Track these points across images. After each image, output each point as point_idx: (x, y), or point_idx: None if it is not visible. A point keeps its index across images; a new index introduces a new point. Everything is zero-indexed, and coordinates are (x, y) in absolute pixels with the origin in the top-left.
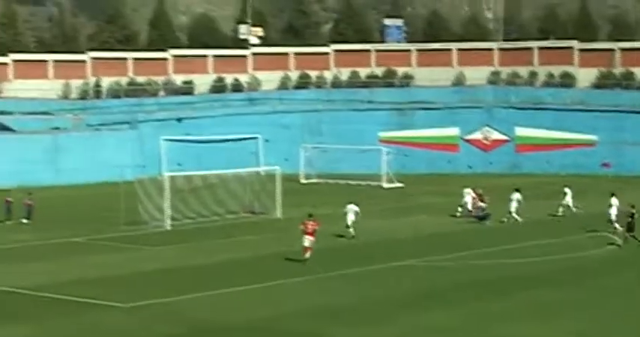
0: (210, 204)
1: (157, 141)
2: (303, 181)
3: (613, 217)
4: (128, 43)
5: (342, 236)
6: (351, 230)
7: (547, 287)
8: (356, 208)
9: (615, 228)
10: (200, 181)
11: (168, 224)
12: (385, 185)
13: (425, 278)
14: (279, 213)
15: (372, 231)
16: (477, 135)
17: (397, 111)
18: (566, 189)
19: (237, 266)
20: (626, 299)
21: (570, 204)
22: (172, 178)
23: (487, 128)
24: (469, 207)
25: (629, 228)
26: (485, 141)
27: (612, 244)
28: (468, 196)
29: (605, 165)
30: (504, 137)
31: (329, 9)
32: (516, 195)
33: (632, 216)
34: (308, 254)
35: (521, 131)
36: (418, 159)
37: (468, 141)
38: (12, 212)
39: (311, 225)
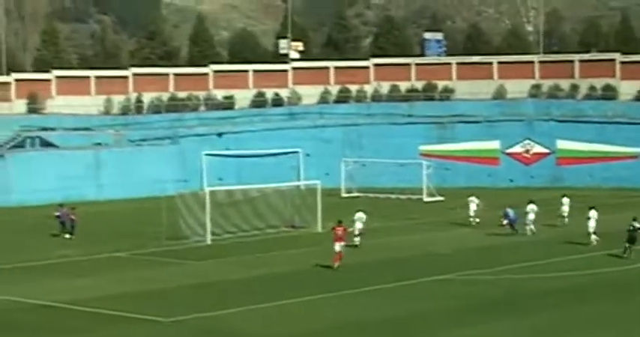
0: (251, 218)
1: (197, 155)
2: (344, 195)
3: (591, 229)
4: (169, 59)
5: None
6: (357, 239)
7: (591, 301)
8: (364, 217)
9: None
10: (241, 195)
11: (209, 238)
12: (426, 198)
13: (462, 292)
14: (319, 227)
15: (412, 244)
16: (517, 149)
17: (437, 124)
18: (564, 199)
19: (278, 281)
20: None
21: (565, 214)
22: (213, 192)
23: (528, 141)
24: (471, 213)
25: (630, 239)
26: (526, 155)
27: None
28: (472, 204)
29: None
30: (545, 150)
31: (369, 23)
32: (531, 206)
33: (635, 229)
34: (337, 263)
35: (562, 144)
36: (458, 173)
37: (508, 154)
38: (66, 225)
39: (341, 231)
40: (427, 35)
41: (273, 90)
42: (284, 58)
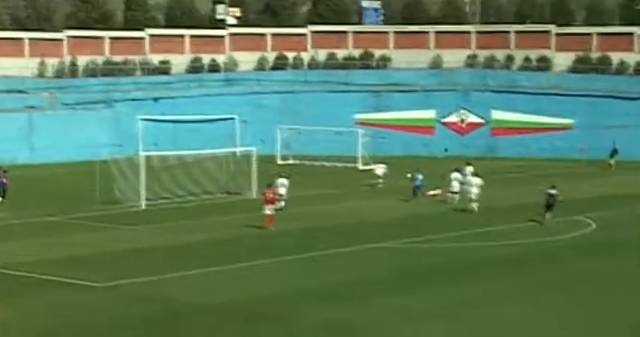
0: (186, 184)
1: (133, 120)
2: (280, 162)
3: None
4: (104, 22)
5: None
6: (282, 203)
7: (525, 270)
8: (286, 182)
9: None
10: (176, 161)
11: (143, 203)
12: (361, 167)
13: (401, 260)
14: (254, 194)
15: (347, 212)
16: (453, 118)
17: (374, 93)
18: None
19: (212, 247)
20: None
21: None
22: (148, 158)
23: (463, 111)
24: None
25: (548, 206)
26: (461, 124)
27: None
28: (380, 169)
29: (582, 150)
30: (480, 120)
31: None
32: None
33: (552, 196)
34: (271, 227)
35: (497, 114)
36: (394, 142)
37: (444, 124)
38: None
39: (270, 195)
40: (365, 3)
41: (209, 56)
42: (221, 24)
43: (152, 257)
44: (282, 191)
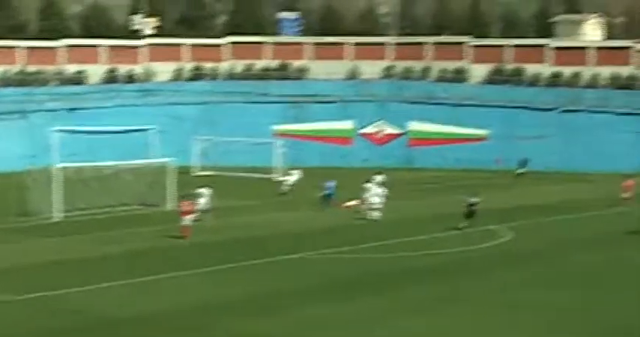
0: (102, 195)
1: (48, 131)
2: (197, 173)
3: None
4: (18, 32)
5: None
6: (197, 214)
7: (442, 280)
8: (207, 192)
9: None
10: (92, 173)
11: (59, 215)
12: (278, 178)
13: (317, 271)
14: (170, 206)
15: (263, 224)
16: (370, 129)
17: (292, 104)
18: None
19: (128, 259)
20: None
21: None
22: (63, 169)
23: (381, 122)
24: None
25: (469, 214)
26: (378, 135)
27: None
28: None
29: (497, 161)
30: (398, 131)
31: (224, 0)
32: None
33: (473, 204)
34: (188, 238)
35: (414, 125)
36: (312, 153)
37: (362, 135)
38: None
39: (185, 205)
40: (283, 14)
41: (126, 67)
42: (137, 34)
43: (68, 269)
44: (203, 201)
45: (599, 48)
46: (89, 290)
